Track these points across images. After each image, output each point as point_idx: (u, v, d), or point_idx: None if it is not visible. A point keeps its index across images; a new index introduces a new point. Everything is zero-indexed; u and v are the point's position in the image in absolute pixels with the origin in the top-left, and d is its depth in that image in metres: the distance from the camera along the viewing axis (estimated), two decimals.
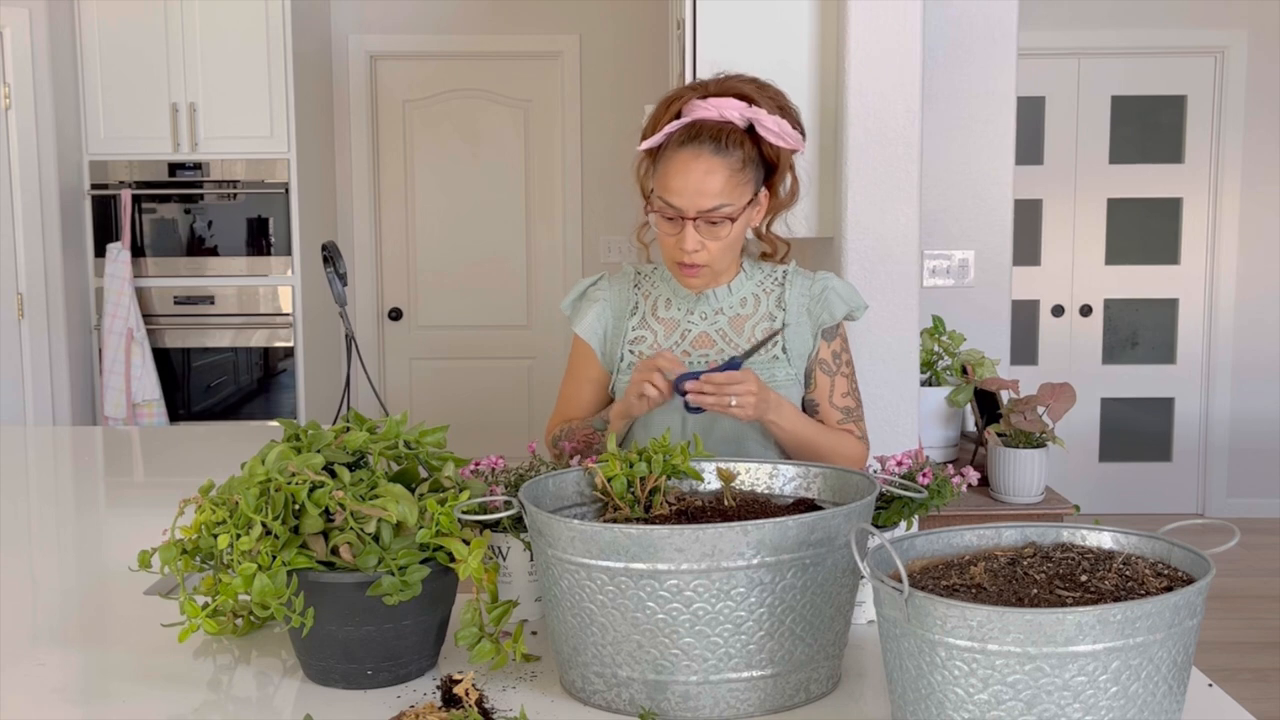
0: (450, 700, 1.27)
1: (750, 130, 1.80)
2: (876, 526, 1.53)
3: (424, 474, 1.52)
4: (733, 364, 1.78)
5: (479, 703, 1.27)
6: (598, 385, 1.98)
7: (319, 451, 1.44)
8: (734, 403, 1.71)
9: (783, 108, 1.84)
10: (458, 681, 1.28)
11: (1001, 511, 2.97)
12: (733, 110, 1.78)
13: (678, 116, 1.81)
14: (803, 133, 1.87)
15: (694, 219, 1.78)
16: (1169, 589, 1.15)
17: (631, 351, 1.93)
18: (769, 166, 1.85)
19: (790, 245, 1.97)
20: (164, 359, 4.71)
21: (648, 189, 1.86)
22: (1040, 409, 2.98)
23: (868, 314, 2.82)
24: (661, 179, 1.80)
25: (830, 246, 2.93)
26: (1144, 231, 5.78)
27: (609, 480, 1.50)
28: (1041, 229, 5.74)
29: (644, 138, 1.84)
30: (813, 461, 1.73)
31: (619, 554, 1.26)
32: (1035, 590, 1.16)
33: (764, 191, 1.85)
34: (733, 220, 1.79)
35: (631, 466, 1.50)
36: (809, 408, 1.92)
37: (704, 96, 1.80)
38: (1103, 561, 1.22)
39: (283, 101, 4.61)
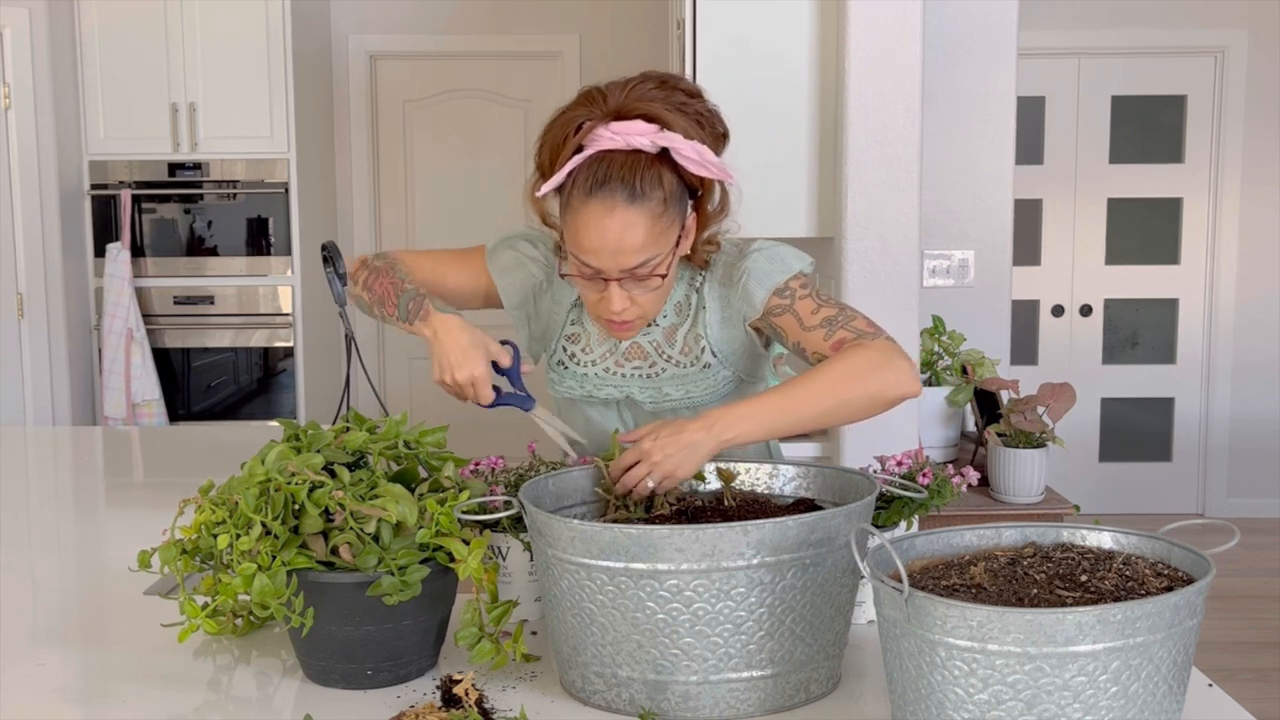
0: (450, 700, 1.27)
1: (665, 153, 1.53)
2: (876, 526, 1.53)
3: (424, 474, 1.52)
4: (514, 353, 1.62)
5: (479, 703, 1.27)
6: (460, 289, 1.76)
7: (319, 451, 1.44)
8: (650, 483, 1.45)
9: (700, 117, 1.57)
10: (458, 681, 1.28)
11: (1001, 511, 2.97)
12: (640, 137, 1.50)
13: (579, 149, 1.53)
14: (725, 136, 1.61)
15: (618, 279, 1.55)
16: (1169, 589, 1.15)
17: (565, 349, 1.75)
18: (693, 188, 1.59)
19: (719, 246, 1.70)
20: (164, 359, 4.71)
21: (550, 219, 1.65)
22: (1040, 409, 2.98)
23: (868, 314, 2.82)
24: (572, 234, 1.54)
25: (830, 246, 2.93)
26: (1144, 231, 5.78)
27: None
28: (1041, 229, 5.74)
29: (540, 169, 1.59)
30: (852, 418, 1.54)
31: (619, 554, 1.26)
32: (1035, 590, 1.16)
33: (691, 216, 1.60)
34: (663, 274, 1.56)
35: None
36: (797, 355, 1.64)
37: (605, 121, 1.52)
38: (1103, 561, 1.22)
39: (283, 101, 4.61)
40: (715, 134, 1.60)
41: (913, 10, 2.78)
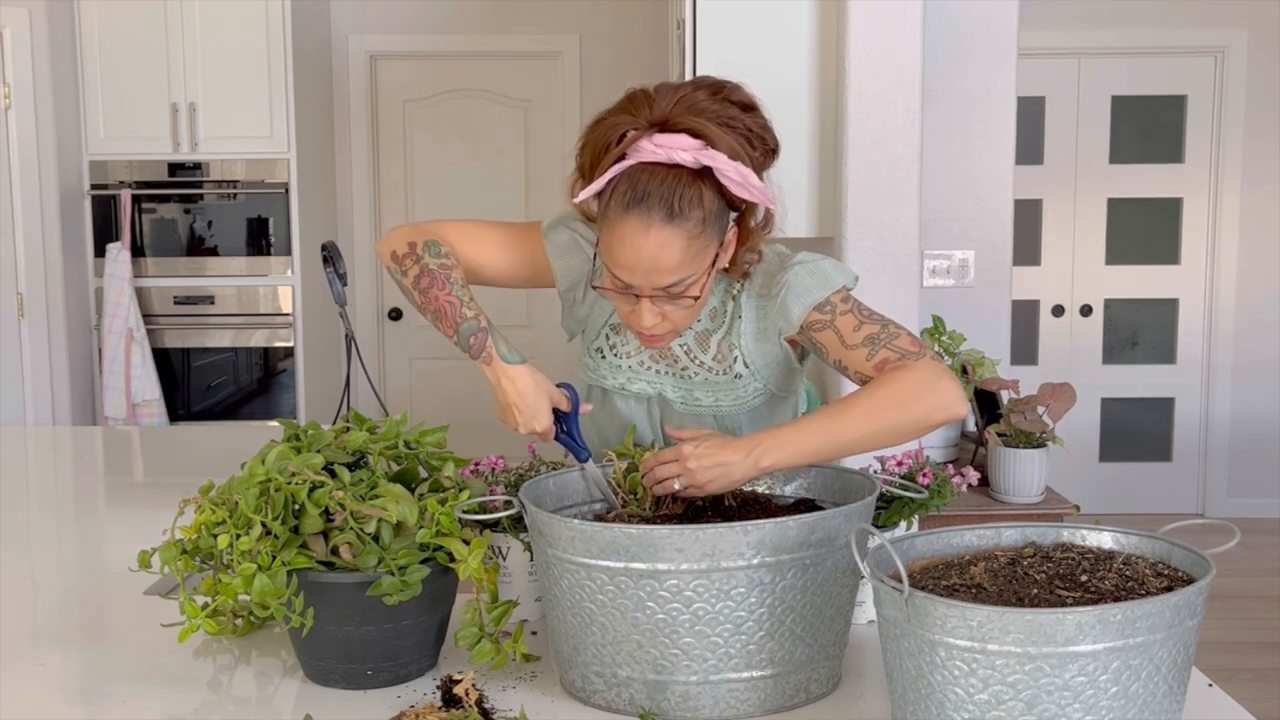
0: (450, 700, 1.27)
1: (708, 169, 1.48)
2: (877, 526, 1.53)
3: (424, 474, 1.52)
4: (572, 396, 1.60)
5: (479, 703, 1.27)
6: (508, 270, 1.74)
7: (319, 451, 1.44)
8: (677, 485, 1.45)
9: (749, 134, 1.53)
10: (458, 681, 1.28)
11: (1001, 511, 2.97)
12: (685, 154, 1.46)
13: (621, 157, 1.49)
14: (775, 151, 1.58)
15: (650, 296, 1.52)
16: (1169, 589, 1.15)
17: (607, 337, 1.73)
18: (734, 205, 1.55)
19: (761, 255, 1.66)
20: (164, 359, 4.71)
21: (592, 216, 1.61)
22: (1040, 409, 2.98)
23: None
24: (607, 247, 1.51)
25: (830, 246, 2.93)
26: (1144, 231, 5.78)
27: (625, 476, 1.51)
28: (1041, 229, 5.74)
29: (581, 171, 1.56)
30: (896, 442, 1.48)
31: (619, 554, 1.26)
32: (1035, 590, 1.16)
33: (732, 231, 1.56)
34: (696, 295, 1.53)
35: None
36: (839, 372, 1.60)
37: (649, 132, 1.48)
38: (1103, 561, 1.22)
39: (283, 101, 4.61)
40: (765, 150, 1.56)
41: (913, 10, 2.78)
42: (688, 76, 2.91)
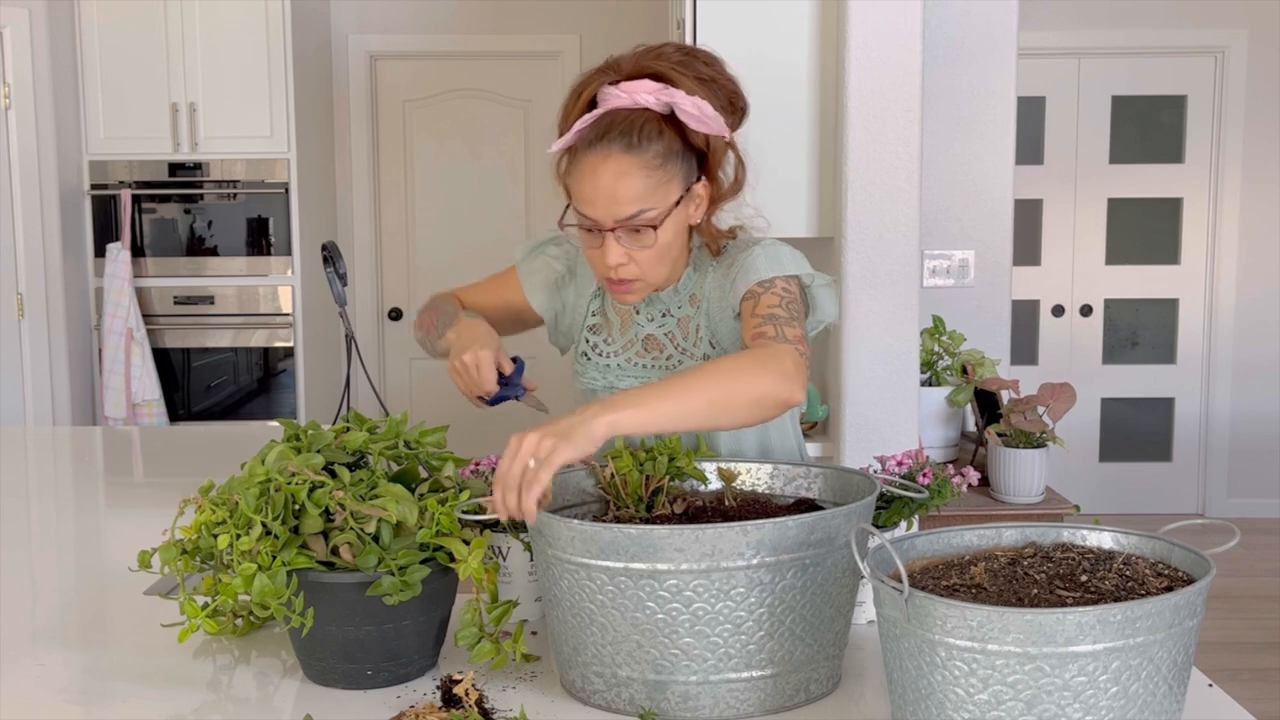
0: (450, 700, 1.27)
1: (672, 115, 1.55)
2: (877, 527, 1.53)
3: (424, 474, 1.52)
4: (518, 365, 1.66)
5: (479, 703, 1.27)
6: (498, 310, 1.81)
7: (319, 451, 1.44)
8: (531, 464, 1.28)
9: (710, 79, 1.57)
10: (458, 681, 1.28)
11: (1001, 511, 2.97)
12: (646, 95, 1.53)
13: (592, 106, 1.57)
14: (742, 109, 1.63)
15: (613, 229, 1.55)
16: (1169, 589, 1.15)
17: (588, 340, 1.76)
18: (702, 154, 1.59)
19: (735, 234, 1.70)
20: (164, 359, 4.71)
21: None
22: (1040, 409, 2.98)
23: (868, 314, 2.82)
24: (574, 186, 1.57)
25: (830, 246, 2.93)
26: (1144, 231, 5.78)
27: (623, 477, 1.51)
28: (1041, 229, 5.74)
29: (560, 132, 1.60)
30: (739, 416, 1.42)
31: (619, 554, 1.26)
32: (1035, 590, 1.16)
33: (702, 182, 1.60)
34: (657, 226, 1.55)
35: (641, 465, 1.50)
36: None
37: (616, 81, 1.55)
38: (1103, 561, 1.22)
39: (283, 101, 4.61)
40: (731, 106, 1.60)
41: (913, 10, 2.78)
42: None
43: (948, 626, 1.06)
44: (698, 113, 1.53)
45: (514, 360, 1.67)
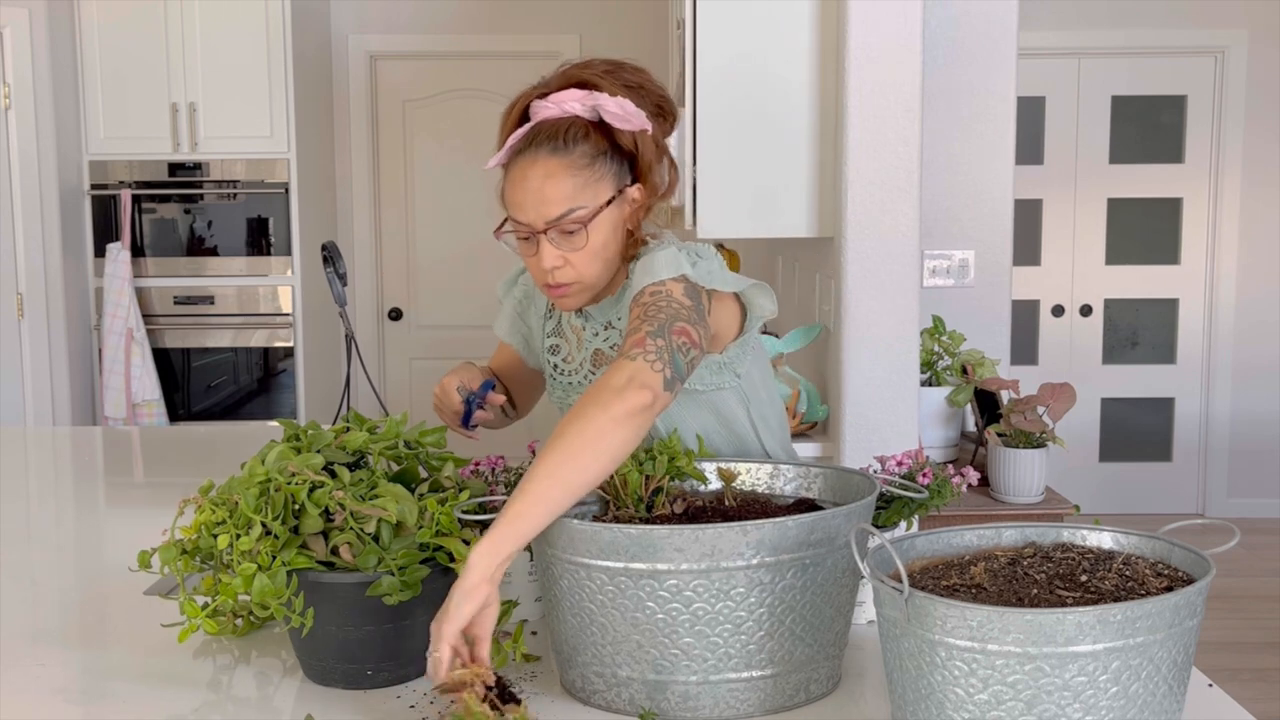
0: (506, 697, 1.25)
1: (602, 122, 1.57)
2: (877, 526, 1.53)
3: (424, 474, 1.52)
4: (485, 384, 1.74)
5: (498, 682, 1.25)
6: (513, 356, 1.88)
7: (319, 451, 1.44)
8: (447, 644, 1.23)
9: (637, 85, 1.59)
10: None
11: (1001, 511, 2.97)
12: (574, 103, 1.56)
13: (525, 121, 1.60)
14: (672, 115, 1.63)
15: (544, 231, 1.55)
16: (1169, 589, 1.15)
17: (550, 360, 1.77)
18: (633, 157, 1.59)
19: (646, 241, 1.64)
20: (164, 359, 4.71)
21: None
22: (1040, 409, 2.98)
23: (868, 314, 2.82)
24: (507, 195, 1.59)
25: (830, 246, 2.93)
26: (1144, 231, 5.78)
27: (623, 477, 1.50)
28: (1041, 229, 5.74)
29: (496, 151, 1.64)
30: (624, 440, 1.34)
31: (619, 554, 1.26)
32: (1035, 590, 1.16)
33: (636, 186, 1.60)
34: (587, 223, 1.55)
35: (641, 465, 1.50)
36: None
37: (544, 95, 1.59)
38: (1103, 561, 1.22)
39: (283, 101, 4.61)
40: (658, 110, 1.61)
41: (913, 10, 2.78)
42: (688, 76, 2.91)
43: (948, 626, 1.06)
44: (621, 111, 1.55)
45: (485, 383, 1.75)
